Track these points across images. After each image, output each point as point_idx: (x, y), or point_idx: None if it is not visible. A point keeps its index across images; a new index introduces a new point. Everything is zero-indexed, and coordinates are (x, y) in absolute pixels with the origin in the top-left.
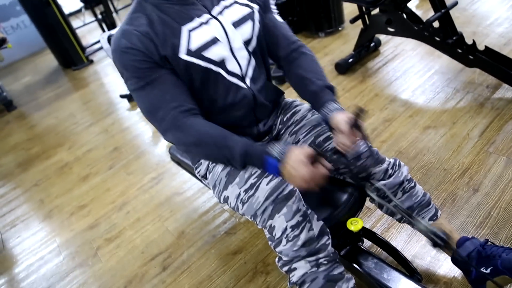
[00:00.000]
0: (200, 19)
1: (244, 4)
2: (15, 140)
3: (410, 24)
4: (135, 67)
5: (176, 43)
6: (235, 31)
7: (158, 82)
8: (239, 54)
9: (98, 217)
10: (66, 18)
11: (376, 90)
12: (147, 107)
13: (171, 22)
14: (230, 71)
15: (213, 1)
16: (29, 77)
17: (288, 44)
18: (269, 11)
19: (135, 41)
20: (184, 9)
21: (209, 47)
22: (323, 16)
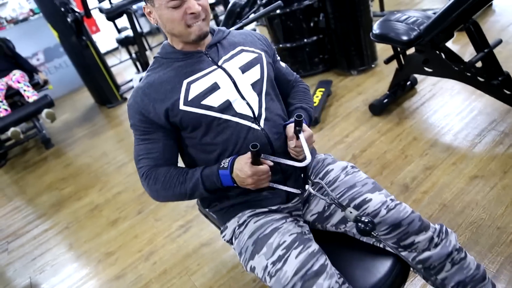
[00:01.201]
0: (204, 71)
1: (251, 51)
2: (50, 179)
3: (449, 64)
4: (134, 122)
5: (175, 97)
6: (243, 75)
7: (150, 141)
8: (248, 96)
9: (125, 266)
10: (103, 58)
11: (414, 133)
12: (135, 155)
13: (174, 78)
14: (239, 113)
15: (220, 52)
16: (67, 114)
17: (286, 84)
18: (275, 61)
19: (138, 99)
20: (190, 64)
21: (208, 95)
22: (355, 54)
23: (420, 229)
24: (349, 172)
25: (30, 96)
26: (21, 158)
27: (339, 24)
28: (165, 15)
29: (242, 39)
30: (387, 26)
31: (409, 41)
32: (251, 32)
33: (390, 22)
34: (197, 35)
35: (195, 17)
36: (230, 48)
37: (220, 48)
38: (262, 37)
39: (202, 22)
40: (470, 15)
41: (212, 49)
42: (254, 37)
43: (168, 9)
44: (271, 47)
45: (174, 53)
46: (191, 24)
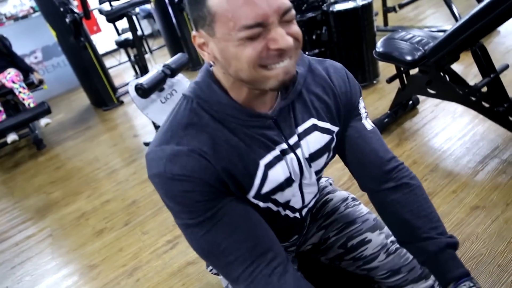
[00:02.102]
0: (275, 150)
1: (325, 129)
2: (39, 182)
3: (453, 87)
4: (190, 200)
5: (248, 182)
6: (310, 169)
7: (221, 215)
8: (308, 190)
9: (107, 281)
10: (101, 59)
11: (414, 156)
12: (209, 250)
13: (246, 150)
14: (290, 205)
15: (291, 123)
16: (62, 114)
17: (380, 166)
18: (356, 117)
19: (193, 165)
20: (260, 133)
21: (281, 190)
22: (357, 69)
23: (420, 277)
24: (350, 205)
25: (26, 99)
26: (11, 157)
27: (341, 38)
28: (232, 50)
29: (317, 101)
30: (391, 45)
31: (413, 61)
32: (331, 81)
33: (394, 41)
34: (281, 81)
35: (281, 55)
36: (301, 119)
37: (292, 115)
38: (343, 88)
39: (289, 61)
40: (478, 38)
41: (282, 117)
42: (334, 91)
43: (240, 41)
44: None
45: (234, 109)
46: (269, 66)
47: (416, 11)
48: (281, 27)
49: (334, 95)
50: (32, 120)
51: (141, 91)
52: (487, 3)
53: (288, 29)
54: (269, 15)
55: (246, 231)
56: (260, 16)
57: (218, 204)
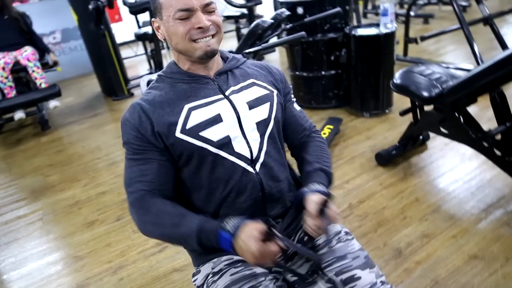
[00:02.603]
0: (208, 98)
1: (263, 86)
2: (38, 162)
3: (467, 129)
4: (128, 140)
5: (173, 121)
6: (249, 112)
7: (144, 161)
8: (251, 136)
9: (90, 276)
10: (117, 49)
11: (417, 194)
12: (126, 178)
13: (175, 99)
14: (237, 152)
15: (230, 82)
16: (71, 98)
17: (300, 131)
18: (289, 101)
19: (135, 116)
20: (195, 88)
21: (209, 126)
22: (371, 96)
23: None
24: (342, 239)
25: (38, 79)
26: (15, 134)
27: (360, 62)
28: (171, 28)
29: (256, 72)
30: (409, 78)
31: (430, 98)
32: (268, 66)
33: (413, 75)
34: (204, 51)
35: (203, 31)
36: (241, 79)
37: (231, 77)
38: (278, 73)
39: (211, 39)
40: (498, 85)
41: (222, 77)
42: (270, 71)
43: (175, 21)
44: (287, 85)
45: (179, 74)
46: (197, 39)
47: (437, 45)
48: (204, 14)
49: (271, 72)
50: (41, 101)
51: None
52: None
53: (209, 16)
54: (194, 4)
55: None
56: (189, 4)
57: (145, 153)
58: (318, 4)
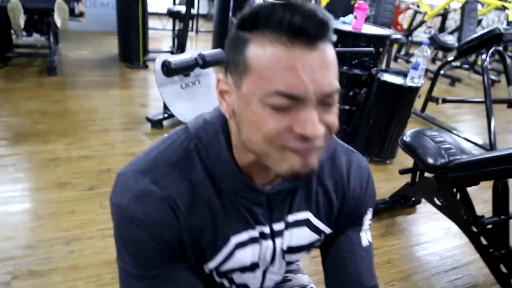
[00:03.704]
0: (254, 230)
1: (317, 228)
2: (32, 106)
3: (460, 208)
4: (140, 250)
5: (211, 254)
6: (282, 260)
7: (165, 280)
8: (271, 277)
9: (42, 239)
10: (146, 19)
11: (391, 255)
12: None
13: (222, 220)
14: (246, 286)
15: (285, 206)
16: (87, 52)
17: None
18: (356, 226)
19: (158, 216)
20: (246, 207)
21: (242, 273)
22: (377, 142)
23: None
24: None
25: None
26: (20, 70)
27: (376, 106)
28: (252, 115)
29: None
30: (419, 140)
31: (433, 166)
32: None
33: (424, 138)
34: (294, 171)
35: (306, 141)
36: (300, 206)
37: (291, 198)
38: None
39: (312, 155)
40: (507, 177)
41: (279, 195)
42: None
43: (264, 106)
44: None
45: (232, 173)
46: (289, 148)
47: (455, 110)
48: (317, 110)
49: (343, 198)
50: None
51: (166, 68)
52: None
53: (324, 115)
54: (309, 91)
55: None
56: (300, 88)
57: (167, 267)
58: (354, 37)
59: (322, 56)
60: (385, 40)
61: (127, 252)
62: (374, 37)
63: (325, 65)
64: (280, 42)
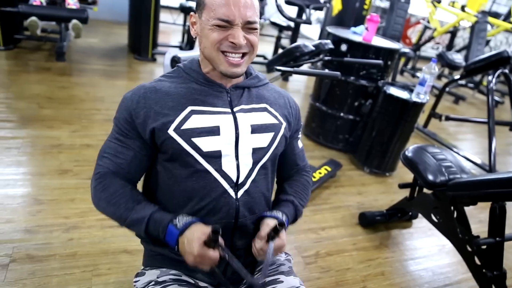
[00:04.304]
0: (214, 108)
1: (274, 115)
2: (39, 91)
3: (456, 227)
4: (119, 118)
5: (170, 118)
6: (250, 135)
7: (123, 144)
8: (243, 159)
9: (42, 224)
10: (158, 12)
11: (385, 268)
12: (102, 149)
13: (181, 97)
14: (223, 170)
15: (243, 99)
16: (96, 40)
17: (293, 167)
18: (295, 138)
19: (135, 98)
20: (206, 93)
21: (203, 135)
22: (378, 154)
23: None
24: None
25: (71, 4)
26: (28, 53)
27: (380, 118)
28: (205, 31)
29: (273, 98)
30: (420, 156)
31: (433, 183)
32: (288, 97)
33: (425, 154)
34: (226, 70)
35: (234, 47)
36: (255, 100)
37: (246, 94)
38: (294, 106)
39: (240, 59)
40: (505, 200)
41: (237, 91)
42: (288, 103)
43: (212, 27)
44: (299, 122)
45: (197, 73)
46: (225, 52)
47: (457, 128)
48: (242, 30)
49: (288, 104)
50: (64, 20)
51: (175, 63)
52: None
53: (247, 35)
54: (235, 18)
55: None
56: (230, 16)
57: (129, 139)
58: (363, 48)
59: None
60: (394, 54)
61: (115, 119)
62: (383, 50)
63: (248, 5)
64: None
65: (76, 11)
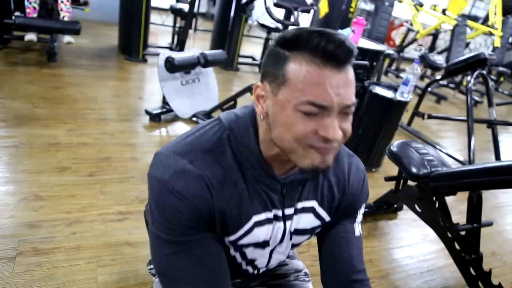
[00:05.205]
0: (270, 212)
1: (320, 216)
2: (32, 90)
3: (438, 215)
4: (176, 218)
5: (234, 229)
6: (289, 240)
7: (195, 245)
8: (276, 256)
9: (45, 219)
10: (149, 14)
11: (373, 255)
12: (166, 269)
13: (246, 200)
14: (254, 264)
15: (294, 196)
16: (86, 40)
17: (348, 273)
18: (351, 218)
19: (195, 191)
20: (265, 192)
21: (254, 248)
22: (364, 150)
23: None
24: (299, 278)
25: (64, 11)
26: (19, 53)
27: (366, 117)
28: (286, 118)
29: (327, 188)
30: (404, 151)
31: (416, 175)
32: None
33: (409, 149)
34: (314, 166)
35: (327, 143)
36: (308, 195)
37: (301, 188)
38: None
39: (330, 154)
40: (480, 188)
41: (292, 185)
42: (345, 189)
43: (297, 112)
44: (360, 203)
45: (257, 162)
46: (313, 147)
47: (439, 127)
48: (337, 118)
49: (344, 192)
50: (58, 32)
51: (169, 64)
52: (499, 166)
53: (342, 122)
54: (334, 104)
55: (208, 271)
56: (327, 101)
57: (197, 235)
58: None
59: (346, 76)
60: (379, 55)
61: (164, 220)
62: (369, 52)
63: (348, 84)
64: (315, 62)
65: (69, 23)
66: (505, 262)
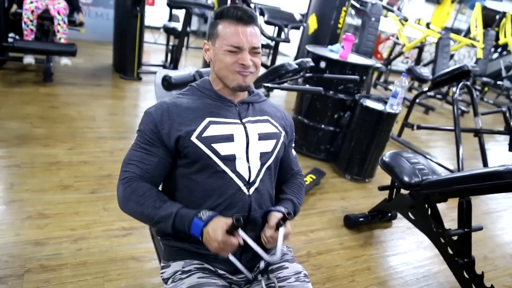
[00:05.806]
0: (227, 119)
1: (275, 126)
2: (30, 111)
3: (430, 222)
4: (144, 129)
5: (192, 128)
6: (257, 141)
7: (149, 152)
8: (253, 161)
9: (50, 236)
10: (143, 33)
11: (370, 263)
12: (127, 157)
13: (199, 110)
14: (237, 171)
15: (249, 112)
16: (81, 60)
17: (289, 171)
18: (290, 146)
19: (159, 112)
20: (219, 107)
21: (221, 141)
22: (357, 162)
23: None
24: (300, 279)
25: (60, 33)
26: (16, 74)
27: (358, 129)
28: (219, 56)
29: (272, 112)
30: (396, 160)
31: (408, 184)
32: (283, 111)
33: (401, 158)
34: (239, 84)
35: (244, 67)
36: (258, 113)
37: (251, 108)
38: (289, 120)
39: (248, 76)
40: (469, 194)
41: (243, 106)
42: (283, 116)
43: (225, 52)
44: (293, 133)
45: (210, 91)
46: (238, 72)
47: (429, 137)
48: (249, 54)
49: (284, 118)
50: (55, 54)
51: (166, 83)
52: (486, 172)
53: (253, 57)
54: (245, 45)
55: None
56: (241, 43)
57: (154, 147)
58: (340, 65)
59: (252, 30)
60: (368, 69)
61: (139, 132)
62: (359, 66)
63: (253, 34)
64: (232, 23)
65: (66, 45)
66: (497, 266)
